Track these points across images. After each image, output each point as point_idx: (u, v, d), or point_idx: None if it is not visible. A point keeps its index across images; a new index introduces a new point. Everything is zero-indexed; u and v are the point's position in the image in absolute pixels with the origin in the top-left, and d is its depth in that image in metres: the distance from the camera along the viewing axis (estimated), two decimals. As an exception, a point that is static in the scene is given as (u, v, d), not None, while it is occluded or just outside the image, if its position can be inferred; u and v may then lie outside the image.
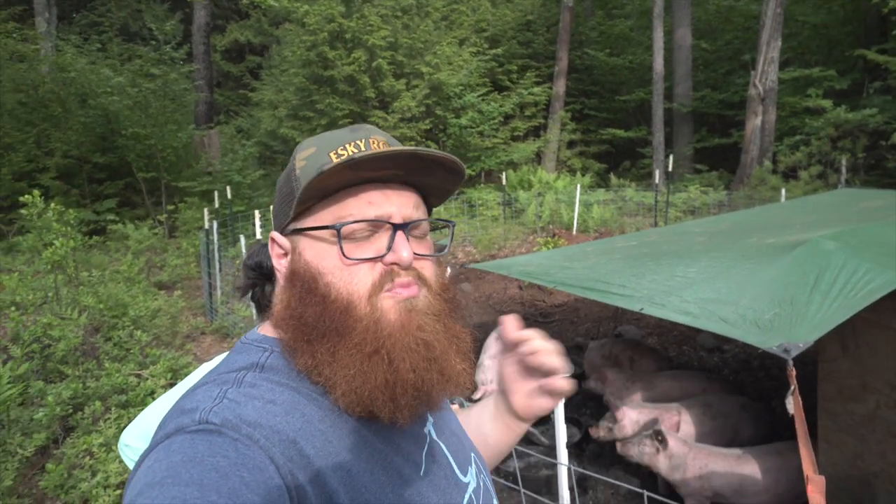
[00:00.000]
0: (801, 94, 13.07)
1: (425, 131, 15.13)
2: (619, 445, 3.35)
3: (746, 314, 2.38)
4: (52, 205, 5.08)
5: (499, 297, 7.82)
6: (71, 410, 3.73)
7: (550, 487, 3.45)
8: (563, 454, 2.39)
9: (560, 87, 16.64)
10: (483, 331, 6.21)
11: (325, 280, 0.73)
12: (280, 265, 0.79)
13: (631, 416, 3.59)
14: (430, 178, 0.79)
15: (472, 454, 0.90)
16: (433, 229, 0.88)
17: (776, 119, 13.21)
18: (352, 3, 13.94)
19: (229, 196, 9.55)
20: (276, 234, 0.79)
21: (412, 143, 14.67)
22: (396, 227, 0.75)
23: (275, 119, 15.02)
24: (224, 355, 1.47)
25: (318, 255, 0.75)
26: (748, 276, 2.73)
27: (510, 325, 0.88)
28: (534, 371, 0.90)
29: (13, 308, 4.60)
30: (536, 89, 16.70)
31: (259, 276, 0.94)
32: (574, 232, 10.86)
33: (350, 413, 0.72)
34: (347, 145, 0.77)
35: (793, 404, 1.79)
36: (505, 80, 17.27)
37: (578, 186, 11.56)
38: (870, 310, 2.31)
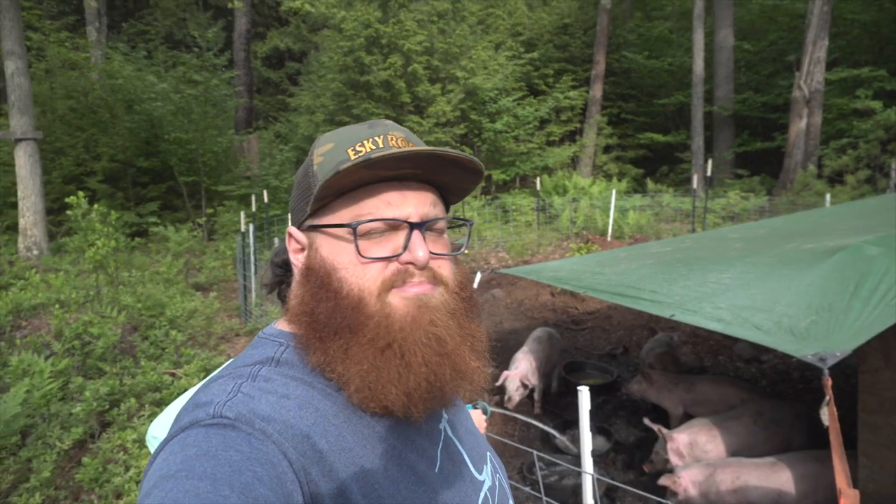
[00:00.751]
0: (849, 96, 12.62)
1: (460, 136, 15.16)
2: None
3: (781, 321, 2.29)
4: (96, 206, 5.25)
5: (531, 304, 7.75)
6: (108, 406, 3.84)
7: (577, 497, 3.39)
8: (587, 463, 2.34)
9: (597, 90, 16.46)
10: (515, 337, 6.16)
11: (338, 276, 0.73)
12: (297, 260, 0.80)
13: (682, 440, 3.37)
14: (449, 176, 0.79)
15: (489, 453, 0.90)
16: (450, 227, 0.87)
17: (822, 122, 12.78)
18: (388, 8, 14.09)
19: (266, 200, 9.72)
20: (293, 230, 0.80)
21: (447, 147, 14.69)
22: (413, 227, 0.75)
23: (312, 124, 15.26)
24: None
25: (334, 251, 0.75)
26: (785, 282, 2.64)
27: None
28: None
29: (57, 305, 4.78)
30: (573, 93, 16.56)
31: (286, 274, 0.95)
32: (609, 238, 10.70)
33: (364, 409, 0.72)
34: (365, 142, 0.77)
35: (827, 415, 1.71)
36: (541, 84, 17.18)
37: (614, 192, 11.39)
38: (914, 319, 2.20)
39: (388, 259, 0.74)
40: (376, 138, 0.77)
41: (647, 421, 3.53)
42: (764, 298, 2.53)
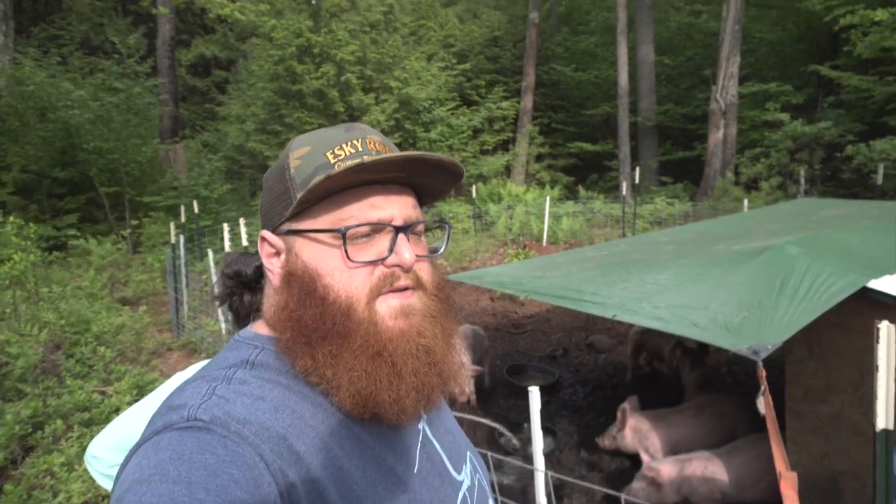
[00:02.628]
0: (759, 108, 13.49)
1: (395, 145, 15.11)
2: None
3: (717, 318, 2.42)
4: (11, 219, 4.92)
5: (471, 309, 7.82)
6: (30, 430, 3.59)
7: (525, 496, 3.44)
8: (539, 461, 2.39)
9: (528, 101, 16.87)
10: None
11: (323, 282, 0.72)
12: (272, 265, 0.78)
13: (669, 472, 3.16)
14: (430, 179, 0.80)
15: (468, 453, 0.90)
16: (427, 229, 0.88)
17: (737, 132, 13.60)
18: (320, 18, 13.96)
19: (196, 210, 9.39)
20: (267, 234, 0.78)
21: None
22: (398, 230, 0.75)
23: (242, 133, 14.86)
24: (195, 364, 1.44)
25: (317, 256, 0.74)
26: (717, 281, 2.79)
27: None
28: None
29: (-32, 326, 4.44)
30: (505, 104, 16.90)
31: (237, 285, 0.92)
32: (544, 243, 10.96)
33: (354, 414, 0.71)
34: (344, 145, 0.76)
35: (763, 404, 1.83)
36: (473, 95, 17.44)
37: (548, 199, 11.69)
38: (833, 312, 2.38)
39: (374, 263, 0.74)
40: (354, 142, 0.77)
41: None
42: (699, 297, 2.67)
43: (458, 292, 8.33)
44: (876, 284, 2.47)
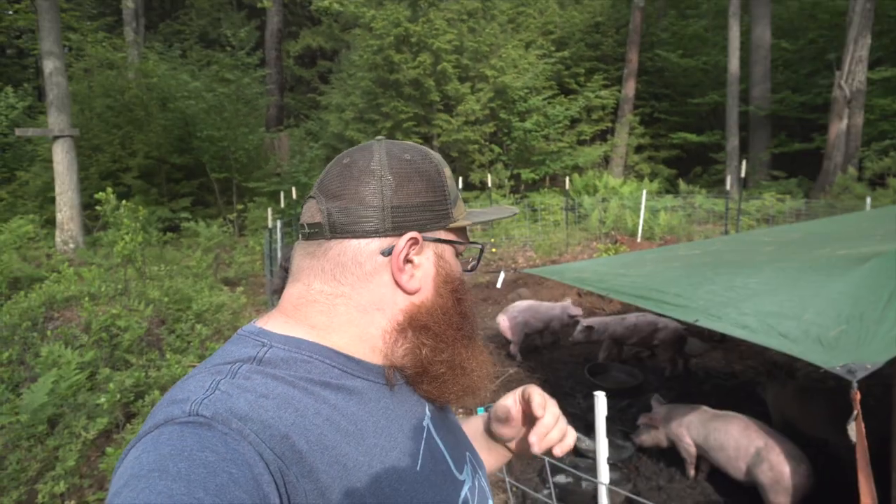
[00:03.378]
0: (892, 96, 12.19)
1: (489, 134, 15.10)
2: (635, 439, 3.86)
3: (810, 330, 2.21)
4: (125, 202, 5.36)
5: (556, 304, 7.66)
6: (133, 398, 3.91)
7: (595, 502, 3.33)
8: (603, 473, 2.28)
9: (629, 89, 16.23)
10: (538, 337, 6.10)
11: (465, 287, 0.85)
12: (408, 268, 0.79)
13: (661, 416, 3.61)
14: None
15: (468, 453, 0.89)
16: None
17: (864, 122, 12.37)
18: (418, 7, 14.10)
19: (294, 196, 9.83)
20: (419, 236, 0.80)
21: (475, 146, 14.67)
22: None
23: (341, 122, 15.36)
24: None
25: (454, 265, 0.85)
26: (814, 288, 2.54)
27: (536, 398, 0.92)
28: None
29: (87, 298, 4.89)
30: (604, 92, 16.36)
31: None
32: (639, 239, 10.54)
33: (449, 401, 0.83)
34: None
35: (855, 431, 1.64)
36: (572, 83, 17.01)
37: (645, 192, 11.22)
38: (953, 330, 2.09)
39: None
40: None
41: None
42: (792, 305, 2.44)
43: (545, 286, 8.19)
44: None
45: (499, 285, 6.16)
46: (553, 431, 0.90)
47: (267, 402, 0.66)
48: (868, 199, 9.43)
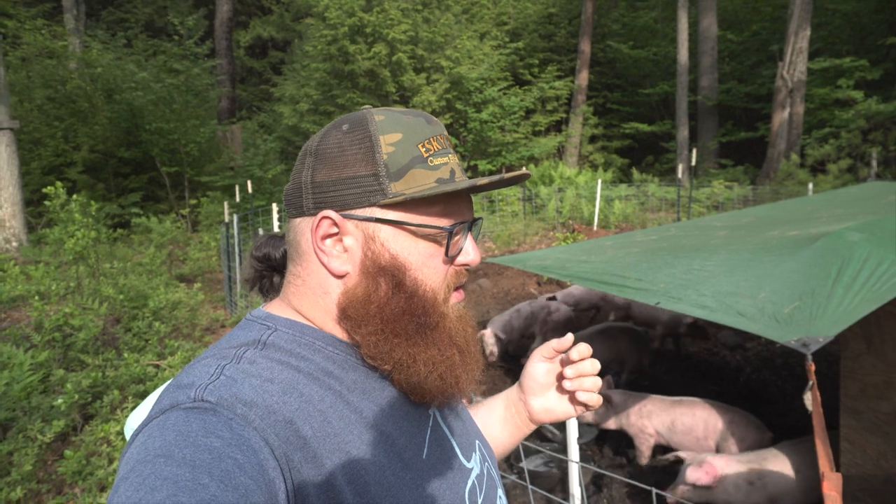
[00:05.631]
0: (830, 86, 12.74)
1: (446, 126, 15.11)
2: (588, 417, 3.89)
3: (765, 308, 2.31)
4: (75, 197, 5.16)
5: (517, 293, 7.77)
6: (90, 399, 3.79)
7: (565, 485, 3.41)
8: (574, 452, 2.35)
9: (582, 80, 16.46)
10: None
11: (412, 275, 0.74)
12: (327, 248, 0.73)
13: (727, 468, 2.98)
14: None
15: (477, 441, 0.89)
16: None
17: (804, 111, 12.90)
18: (372, -3, 13.96)
19: (250, 190, 9.63)
20: (333, 215, 0.73)
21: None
22: (469, 229, 0.78)
23: (296, 114, 15.11)
24: None
25: (407, 248, 0.73)
26: (768, 268, 2.65)
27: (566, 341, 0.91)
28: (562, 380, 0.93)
29: (37, 297, 4.69)
30: (558, 83, 16.55)
31: (267, 268, 0.93)
32: (595, 227, 10.75)
33: (418, 400, 0.75)
34: (432, 140, 0.76)
35: (811, 400, 1.73)
36: (526, 74, 17.14)
37: (600, 181, 11.44)
38: (895, 303, 2.23)
39: (464, 262, 0.78)
40: (440, 138, 0.77)
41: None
42: (747, 285, 2.54)
43: (505, 276, 8.28)
44: (945, 276, 2.29)
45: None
46: (587, 380, 0.88)
47: (272, 386, 0.66)
48: (811, 185, 9.87)
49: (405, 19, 13.95)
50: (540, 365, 0.93)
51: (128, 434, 1.70)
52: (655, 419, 3.67)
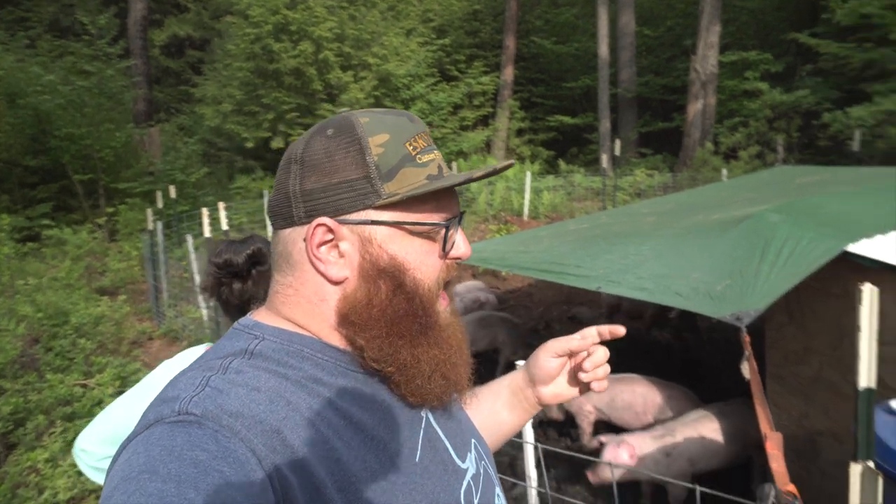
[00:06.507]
0: (739, 78, 13.50)
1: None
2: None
3: (699, 287, 2.43)
4: (-19, 209, 4.79)
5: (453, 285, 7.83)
6: (12, 426, 3.54)
7: (514, 469, 3.48)
8: (529, 433, 2.40)
9: (507, 75, 16.73)
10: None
11: (412, 275, 0.74)
12: (322, 255, 0.72)
13: (643, 446, 3.11)
14: None
15: (473, 440, 0.88)
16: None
17: (716, 102, 13.62)
18: (295, -7, 13.65)
19: (173, 196, 9.23)
20: (329, 221, 0.72)
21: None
22: (459, 222, 0.79)
23: (218, 115, 14.58)
24: (182, 352, 1.41)
25: (405, 248, 0.74)
26: (698, 250, 2.80)
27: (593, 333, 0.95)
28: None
29: (-58, 320, 4.34)
30: (484, 78, 16.75)
31: (227, 275, 0.90)
32: (525, 218, 10.97)
33: (417, 402, 0.75)
34: (417, 138, 0.76)
35: (748, 369, 1.84)
36: (453, 70, 17.26)
37: (528, 173, 11.67)
38: (813, 277, 2.40)
39: (457, 257, 0.79)
40: (424, 135, 0.77)
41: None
42: (681, 267, 2.67)
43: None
44: (854, 248, 2.49)
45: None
46: (600, 370, 0.93)
47: (258, 395, 0.64)
48: (724, 171, 10.44)
49: (331, 17, 13.72)
50: (554, 360, 0.97)
51: (77, 456, 1.60)
52: (595, 396, 3.79)
